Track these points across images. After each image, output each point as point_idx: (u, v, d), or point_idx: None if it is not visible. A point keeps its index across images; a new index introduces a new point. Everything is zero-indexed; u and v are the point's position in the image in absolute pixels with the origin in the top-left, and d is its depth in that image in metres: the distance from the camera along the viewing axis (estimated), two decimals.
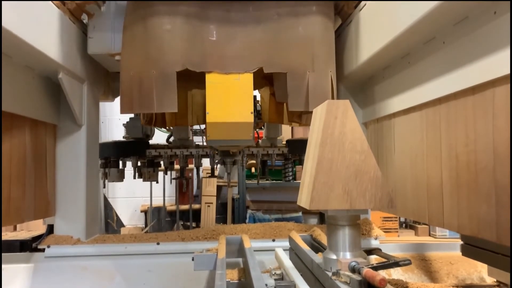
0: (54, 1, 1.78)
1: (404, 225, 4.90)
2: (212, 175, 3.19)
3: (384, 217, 4.43)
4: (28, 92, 1.82)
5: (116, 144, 2.96)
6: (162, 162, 2.99)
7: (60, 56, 1.83)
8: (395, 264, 1.19)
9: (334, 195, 1.17)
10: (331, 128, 1.24)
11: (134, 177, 3.06)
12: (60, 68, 1.88)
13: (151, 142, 3.00)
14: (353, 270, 1.14)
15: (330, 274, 1.19)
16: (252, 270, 1.34)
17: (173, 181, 5.20)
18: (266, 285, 1.30)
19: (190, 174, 4.87)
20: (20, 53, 1.66)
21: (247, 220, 4.70)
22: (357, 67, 1.98)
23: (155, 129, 3.35)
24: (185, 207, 5.18)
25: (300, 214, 4.37)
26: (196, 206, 5.30)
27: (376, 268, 1.14)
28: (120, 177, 3.02)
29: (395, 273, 2.03)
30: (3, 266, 1.98)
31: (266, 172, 3.25)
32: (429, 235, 4.60)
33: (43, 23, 1.67)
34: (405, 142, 1.75)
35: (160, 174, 3.31)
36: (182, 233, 2.22)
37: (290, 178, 4.80)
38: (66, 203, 2.16)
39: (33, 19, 1.58)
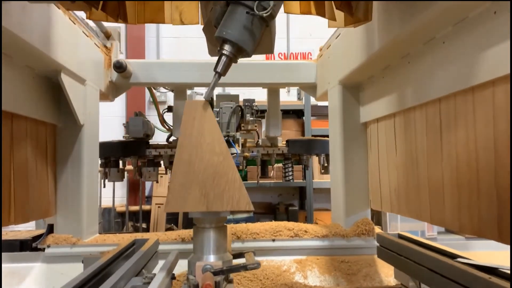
0: (54, 1, 1.78)
1: None
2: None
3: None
4: (28, 92, 1.82)
5: (116, 144, 2.95)
6: (162, 162, 3.00)
7: (61, 56, 1.83)
8: (243, 267, 1.19)
9: (191, 197, 1.16)
10: (189, 129, 1.23)
11: (134, 177, 3.06)
12: (61, 68, 1.88)
13: (150, 141, 3.00)
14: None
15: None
16: (116, 274, 1.23)
17: (124, 182, 5.21)
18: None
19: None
20: (20, 53, 1.66)
21: None
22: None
23: (155, 128, 3.35)
24: (135, 208, 5.19)
25: (251, 214, 4.33)
26: (146, 207, 5.30)
27: (223, 271, 1.14)
28: (120, 176, 3.02)
29: (311, 275, 2.02)
30: (3, 266, 1.98)
31: (266, 172, 3.23)
32: None
33: (43, 23, 1.67)
34: (406, 142, 1.75)
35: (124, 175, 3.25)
36: (182, 233, 2.22)
37: (291, 178, 4.79)
38: (66, 203, 2.15)
39: (33, 19, 1.58)
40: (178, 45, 6.24)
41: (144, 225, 5.24)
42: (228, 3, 1.23)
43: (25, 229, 2.95)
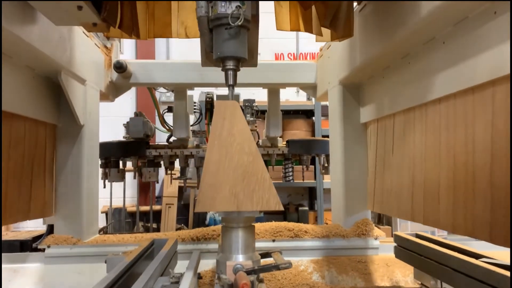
0: (54, 1, 1.78)
1: None
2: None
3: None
4: (28, 92, 1.82)
5: (116, 144, 2.96)
6: (162, 162, 3.00)
7: (61, 56, 1.83)
8: (275, 267, 1.19)
9: (221, 197, 1.16)
10: (219, 129, 1.24)
11: (134, 177, 3.06)
12: (61, 68, 1.88)
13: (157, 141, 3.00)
14: (235, 273, 1.14)
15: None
16: (144, 274, 1.21)
17: (135, 182, 5.22)
18: None
19: None
20: (20, 53, 1.66)
21: (207, 222, 4.66)
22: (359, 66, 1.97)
23: (156, 128, 3.35)
24: (146, 208, 5.19)
25: (262, 214, 4.35)
26: (157, 207, 5.31)
27: (255, 271, 1.14)
28: (121, 177, 3.02)
29: (329, 275, 2.02)
30: (3, 266, 1.98)
31: None
32: (392, 236, 4.50)
33: (43, 23, 1.67)
34: (404, 142, 1.75)
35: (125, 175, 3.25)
36: (181, 233, 2.22)
37: (291, 178, 4.79)
38: (66, 203, 2.15)
39: (33, 19, 1.58)
40: (188, 45, 6.26)
41: (154, 225, 5.24)
42: (211, 30, 1.47)
43: (35, 229, 2.96)
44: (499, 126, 1.13)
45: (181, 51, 6.29)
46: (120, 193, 4.92)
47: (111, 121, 4.85)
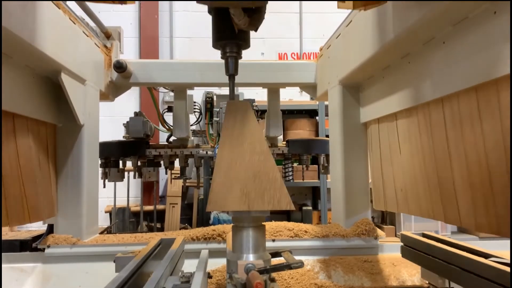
0: (54, 1, 1.78)
1: None
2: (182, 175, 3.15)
3: None
4: (28, 92, 1.82)
5: (116, 144, 2.96)
6: (162, 162, 3.00)
7: (61, 56, 1.83)
8: (287, 266, 1.18)
9: (232, 196, 1.15)
10: (231, 129, 1.24)
11: (134, 177, 3.06)
12: (61, 68, 1.88)
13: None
14: (247, 272, 1.13)
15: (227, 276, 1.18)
16: (155, 273, 1.19)
17: (139, 182, 5.21)
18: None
19: None
20: (20, 53, 1.66)
21: (210, 221, 4.68)
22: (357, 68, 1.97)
23: (155, 128, 3.35)
24: (150, 207, 5.17)
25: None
26: (160, 207, 5.30)
27: (267, 270, 1.13)
28: (121, 176, 3.02)
29: (335, 275, 2.03)
30: (3, 266, 1.98)
31: None
32: (395, 235, 4.50)
33: (43, 23, 1.67)
34: (410, 142, 1.74)
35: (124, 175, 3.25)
36: (181, 233, 2.22)
37: (291, 178, 4.79)
38: (66, 203, 2.15)
39: (34, 19, 1.58)
40: (191, 45, 6.29)
41: (158, 225, 5.23)
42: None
43: (38, 229, 2.96)
44: (506, 124, 1.13)
45: (185, 51, 6.32)
46: (124, 193, 4.91)
47: (114, 121, 4.85)
